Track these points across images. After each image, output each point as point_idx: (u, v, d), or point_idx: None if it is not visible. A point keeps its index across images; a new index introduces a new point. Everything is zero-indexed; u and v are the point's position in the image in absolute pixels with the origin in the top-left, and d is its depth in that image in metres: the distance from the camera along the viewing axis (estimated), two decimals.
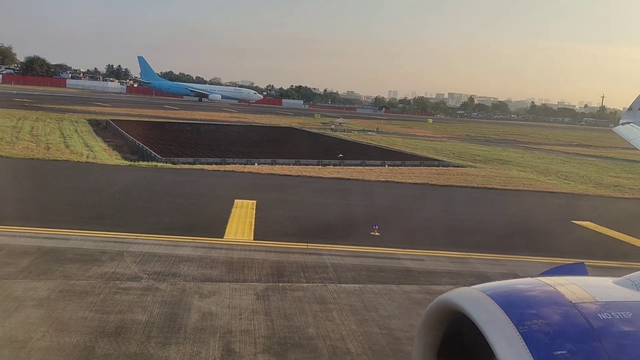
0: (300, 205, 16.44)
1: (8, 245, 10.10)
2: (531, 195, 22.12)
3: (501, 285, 2.46)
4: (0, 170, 18.97)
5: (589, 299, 2.25)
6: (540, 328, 2.06)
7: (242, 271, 9.75)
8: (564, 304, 2.20)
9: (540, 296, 2.29)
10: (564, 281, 2.40)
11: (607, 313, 2.16)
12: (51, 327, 6.94)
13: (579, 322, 2.09)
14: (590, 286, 2.38)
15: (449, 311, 2.41)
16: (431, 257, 11.52)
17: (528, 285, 2.43)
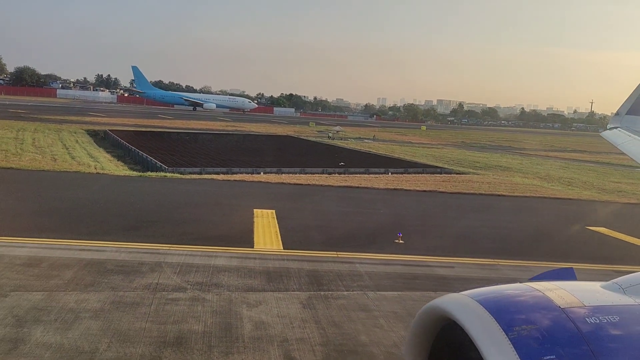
0: (319, 215, 16.61)
1: (48, 257, 10.18)
2: (540, 201, 22.45)
3: (490, 291, 2.47)
4: (16, 183, 18.95)
5: (578, 303, 2.26)
6: (529, 333, 2.06)
7: (281, 280, 9.91)
8: (553, 309, 2.21)
9: (529, 301, 2.30)
10: (553, 286, 2.41)
11: (595, 317, 2.17)
12: (114, 338, 7.06)
13: (568, 327, 2.10)
14: (578, 291, 2.40)
15: (438, 317, 2.42)
16: (459, 264, 11.74)
17: (517, 290, 2.45)
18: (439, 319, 2.43)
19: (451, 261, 11.88)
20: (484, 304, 2.25)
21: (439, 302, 2.45)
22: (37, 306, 7.91)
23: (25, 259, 10.02)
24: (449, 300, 2.43)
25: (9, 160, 24.29)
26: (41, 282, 8.90)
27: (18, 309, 7.74)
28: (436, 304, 2.46)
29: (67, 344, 6.79)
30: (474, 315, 2.20)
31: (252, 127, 68.92)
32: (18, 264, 9.73)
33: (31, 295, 8.33)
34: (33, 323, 7.32)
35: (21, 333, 6.99)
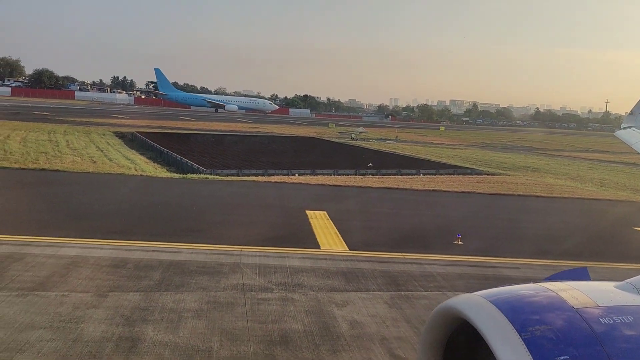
0: (370, 216, 16.84)
1: (130, 259, 10.50)
2: (579, 202, 22.52)
3: (503, 291, 2.47)
4: (68, 185, 19.37)
5: (591, 304, 2.25)
6: (543, 334, 2.05)
7: (359, 281, 10.15)
8: (566, 309, 2.20)
9: (543, 302, 2.29)
10: (566, 286, 2.41)
11: (609, 318, 2.16)
12: (222, 336, 7.34)
13: (581, 327, 2.09)
14: (592, 291, 2.38)
15: (452, 318, 2.41)
16: (524, 265, 11.91)
17: (530, 291, 2.44)
18: (453, 319, 2.42)
19: (515, 262, 12.05)
20: (497, 304, 2.24)
21: (453, 303, 2.43)
22: (139, 306, 8.21)
23: (109, 260, 10.34)
24: (462, 300, 2.41)
25: (51, 162, 24.76)
26: (133, 282, 9.21)
27: (122, 309, 8.04)
28: (450, 305, 2.44)
29: (181, 343, 7.07)
30: (487, 316, 2.19)
31: (274, 128, 69.27)
32: (104, 265, 10.05)
33: (129, 295, 8.64)
34: (142, 322, 7.61)
35: (135, 332, 7.28)
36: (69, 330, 7.17)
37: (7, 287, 8.59)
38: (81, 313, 7.78)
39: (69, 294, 8.47)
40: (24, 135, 37.36)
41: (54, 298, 8.28)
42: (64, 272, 9.49)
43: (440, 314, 2.49)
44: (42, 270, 9.49)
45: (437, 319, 2.50)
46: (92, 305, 8.11)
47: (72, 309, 7.92)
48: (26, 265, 9.70)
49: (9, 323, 7.26)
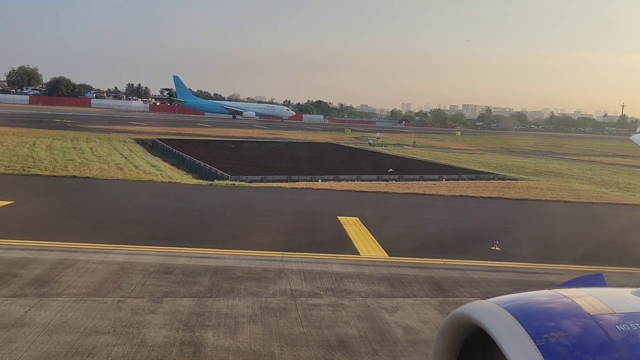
0: (402, 222, 16.89)
1: (176, 265, 10.65)
2: (609, 208, 22.38)
3: (518, 297, 2.44)
4: (102, 192, 19.64)
5: (607, 310, 2.21)
6: (558, 341, 2.03)
7: (404, 287, 10.21)
8: (582, 316, 2.17)
9: (558, 308, 2.26)
10: (582, 293, 2.38)
11: (625, 324, 2.12)
12: (281, 341, 7.43)
13: (597, 334, 2.06)
14: (608, 297, 2.35)
15: (465, 324, 2.39)
16: (566, 271, 11.87)
17: (545, 297, 2.41)
18: (466, 326, 2.39)
19: (557, 268, 12.03)
20: (511, 311, 2.21)
21: (466, 309, 2.41)
22: (195, 311, 8.33)
23: (156, 266, 10.49)
24: (476, 307, 2.39)
25: (80, 169, 25.09)
26: (185, 288, 9.35)
27: (179, 314, 8.17)
28: (463, 311, 2.41)
29: (242, 348, 7.17)
30: (501, 323, 2.16)
31: (290, 134, 69.56)
32: (153, 271, 10.20)
33: (183, 301, 8.76)
34: (200, 327, 7.73)
35: (196, 337, 7.40)
36: (132, 335, 7.31)
37: (65, 292, 8.76)
38: (140, 318, 7.92)
39: (125, 300, 8.62)
40: (49, 143, 37.89)
41: (112, 304, 8.43)
42: (116, 278, 9.65)
43: (453, 320, 2.47)
44: (94, 276, 9.66)
45: (450, 325, 2.48)
46: (150, 310, 8.25)
47: (131, 314, 8.06)
48: (78, 271, 9.88)
49: (74, 328, 7.42)
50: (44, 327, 7.37)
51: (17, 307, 8.05)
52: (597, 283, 2.89)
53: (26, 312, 7.85)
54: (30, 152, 31.15)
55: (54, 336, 7.13)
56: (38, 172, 23.27)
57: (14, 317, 7.67)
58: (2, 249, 10.95)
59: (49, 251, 11.04)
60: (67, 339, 7.06)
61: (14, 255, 10.64)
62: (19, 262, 10.21)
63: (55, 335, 7.15)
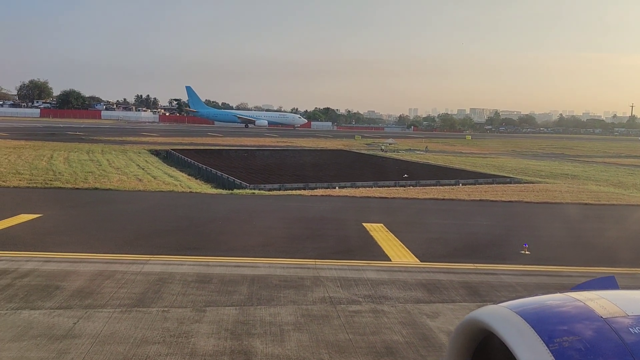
0: (427, 227, 16.91)
1: (213, 274, 10.73)
2: (631, 209, 22.30)
3: (529, 302, 2.44)
4: (126, 203, 19.80)
5: (620, 313, 2.20)
6: (571, 345, 2.02)
7: (441, 292, 10.24)
8: (595, 319, 2.16)
9: (570, 312, 2.24)
10: (594, 296, 2.36)
11: (638, 327, 2.11)
12: (329, 348, 7.49)
13: (611, 338, 2.05)
14: (620, 300, 2.33)
15: (477, 330, 2.38)
16: (600, 273, 11.80)
17: (557, 301, 2.40)
18: (478, 331, 2.37)
19: (590, 271, 11.99)
20: (523, 315, 2.20)
21: (478, 315, 2.38)
22: (239, 320, 8.41)
23: (194, 276, 10.60)
24: (487, 312, 2.36)
25: (100, 181, 25.31)
26: (225, 297, 9.43)
27: (224, 323, 8.25)
28: (474, 317, 2.39)
29: (292, 355, 7.24)
30: (513, 327, 2.15)
31: (302, 142, 69.74)
32: (191, 280, 10.30)
33: (225, 310, 8.85)
34: (247, 336, 7.81)
35: (244, 345, 7.47)
36: (182, 345, 7.39)
37: (109, 304, 8.88)
38: (187, 328, 8.01)
39: (169, 310, 8.72)
40: (66, 156, 38.25)
41: (156, 314, 8.53)
42: (156, 288, 9.75)
43: (465, 326, 2.45)
44: (135, 287, 9.78)
45: (462, 331, 2.47)
46: (195, 320, 8.34)
47: (177, 324, 8.15)
48: (118, 282, 10.00)
49: (124, 338, 7.52)
50: (95, 338, 7.48)
51: (65, 318, 8.17)
52: (609, 285, 2.87)
53: (75, 324, 7.97)
54: (49, 165, 31.47)
55: (106, 347, 7.23)
56: (60, 185, 23.51)
57: (64, 328, 7.79)
58: (40, 262, 11.10)
59: (86, 263, 11.19)
60: (119, 349, 7.17)
61: (53, 267, 10.79)
62: (59, 274, 10.35)
63: (108, 346, 7.25)
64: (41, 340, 7.35)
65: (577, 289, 2.60)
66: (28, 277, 10.07)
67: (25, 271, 10.44)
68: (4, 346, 7.10)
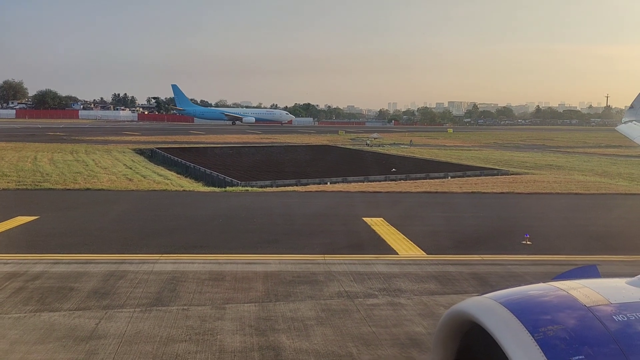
0: (426, 220, 17.09)
1: (225, 272, 10.72)
2: (620, 198, 22.81)
3: (513, 292, 2.45)
4: (122, 203, 19.63)
5: (603, 301, 2.22)
6: (556, 334, 2.04)
7: (453, 283, 10.38)
8: (578, 308, 2.18)
9: (554, 301, 2.26)
10: (577, 285, 2.38)
11: (622, 315, 2.13)
12: (355, 341, 7.56)
13: (595, 326, 2.07)
14: (603, 288, 2.35)
15: (463, 322, 2.39)
16: (602, 261, 12.04)
17: (540, 291, 2.42)
18: (464, 323, 2.39)
19: (592, 259, 12.21)
20: (508, 305, 2.22)
21: (463, 306, 2.39)
22: (260, 316, 8.44)
23: (206, 274, 10.58)
24: (472, 303, 2.38)
25: (90, 182, 25.06)
26: (243, 294, 9.44)
27: (247, 320, 8.27)
28: (459, 308, 2.40)
29: (320, 349, 7.29)
30: (498, 318, 2.16)
31: (286, 138, 69.70)
32: (204, 279, 10.28)
33: (245, 306, 8.87)
34: (272, 332, 7.84)
35: (271, 341, 7.50)
36: (210, 342, 7.40)
37: (128, 304, 8.83)
38: (211, 325, 8.02)
39: (189, 308, 8.71)
40: (50, 157, 37.77)
41: (177, 312, 8.51)
42: (171, 287, 9.72)
43: (450, 318, 2.46)
44: (149, 286, 9.73)
45: (447, 323, 2.47)
46: (217, 317, 8.35)
47: (200, 322, 8.15)
48: (131, 282, 9.94)
49: (150, 337, 7.50)
50: (120, 338, 7.45)
51: (86, 319, 8.12)
52: (591, 274, 2.90)
53: (97, 325, 7.92)
54: (35, 167, 31.04)
55: (133, 346, 7.21)
56: (50, 186, 23.21)
57: (87, 329, 7.74)
58: (49, 264, 10.98)
59: (95, 264, 11.10)
60: (147, 349, 7.15)
61: (63, 269, 10.68)
62: (70, 275, 10.26)
63: (135, 346, 7.23)
64: (66, 341, 7.29)
65: (559, 278, 2.68)
66: (40, 280, 9.96)
67: (36, 273, 10.32)
68: (30, 349, 7.03)
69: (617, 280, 2.55)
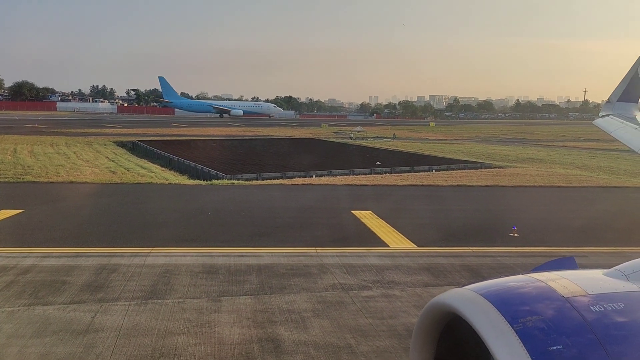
0: (415, 213, 17.22)
1: (218, 265, 10.71)
2: (602, 191, 23.24)
3: (493, 284, 2.49)
4: (109, 196, 19.42)
5: (581, 292, 2.26)
6: (535, 324, 2.07)
7: (445, 275, 10.51)
8: (557, 299, 2.21)
9: (533, 292, 2.29)
10: (555, 276, 2.42)
11: (599, 305, 2.18)
12: (353, 333, 7.63)
13: (572, 316, 2.11)
14: (581, 280, 2.40)
15: (443, 313, 2.41)
16: (589, 253, 12.32)
17: (520, 282, 2.45)
18: (444, 314, 2.41)
19: (579, 251, 12.42)
20: (488, 297, 2.25)
21: (444, 298, 2.43)
22: (257, 309, 8.46)
23: (199, 267, 10.55)
24: (453, 295, 2.41)
25: (73, 175, 24.74)
26: (237, 287, 9.45)
27: (244, 312, 8.29)
28: (441, 300, 2.43)
29: (319, 341, 7.34)
30: (478, 309, 2.19)
31: (269, 131, 69.41)
32: (198, 272, 10.26)
33: (241, 299, 8.88)
34: (270, 324, 7.87)
35: (269, 333, 7.53)
36: (208, 335, 7.41)
37: (122, 297, 8.78)
38: (208, 318, 8.02)
39: (184, 301, 8.69)
40: (30, 149, 37.11)
41: (173, 305, 8.49)
42: (165, 280, 9.69)
43: (431, 309, 2.47)
44: (143, 279, 9.68)
45: (429, 314, 2.49)
46: (213, 310, 8.35)
47: (196, 314, 8.15)
48: (124, 275, 9.88)
49: (148, 330, 7.48)
50: (118, 331, 7.41)
51: (81, 313, 8.06)
52: (569, 266, 2.95)
53: (93, 318, 7.86)
54: (15, 159, 30.49)
55: (132, 339, 7.18)
56: (33, 179, 22.86)
57: (83, 322, 7.69)
58: (38, 257, 10.86)
59: (86, 257, 11.00)
60: (146, 341, 7.13)
61: (53, 262, 10.57)
62: (62, 269, 10.16)
63: (133, 339, 7.20)
64: (63, 335, 7.24)
65: (538, 270, 2.73)
66: (31, 273, 9.85)
67: (26, 267, 10.20)
68: (27, 342, 6.97)
69: (594, 272, 2.60)
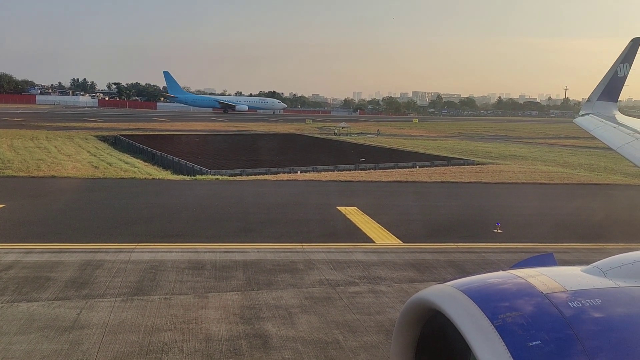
0: (399, 209, 17.29)
1: (204, 261, 10.67)
2: (584, 188, 23.56)
3: (474, 280, 2.50)
4: (93, 192, 19.19)
5: (559, 288, 2.29)
6: (514, 320, 2.09)
7: (431, 271, 10.59)
8: (536, 295, 2.24)
9: (512, 289, 2.32)
10: (535, 272, 2.44)
11: (577, 301, 2.21)
12: (341, 328, 7.66)
13: (551, 312, 2.14)
14: (560, 276, 2.43)
15: (424, 309, 2.43)
16: (571, 249, 12.54)
17: (500, 278, 2.47)
18: (425, 310, 2.43)
19: (561, 247, 12.67)
20: (468, 293, 2.27)
21: (425, 294, 2.44)
22: (244, 305, 8.44)
23: (185, 263, 10.50)
24: (434, 291, 2.42)
25: (54, 169, 24.41)
26: (224, 283, 9.42)
27: (231, 308, 8.27)
28: (421, 296, 2.45)
29: (306, 337, 7.36)
30: (459, 306, 2.21)
31: (253, 126, 69.16)
32: (184, 267, 10.21)
33: (228, 295, 8.85)
34: (257, 320, 7.86)
35: (257, 329, 7.53)
36: (196, 331, 7.37)
37: (108, 293, 8.70)
38: (195, 314, 7.98)
39: (171, 297, 8.64)
40: (10, 143, 36.53)
41: (160, 301, 8.44)
42: (151, 276, 9.62)
43: (412, 306, 2.49)
44: (128, 275, 9.60)
45: (410, 310, 2.51)
46: (200, 306, 8.31)
47: (183, 310, 8.11)
48: (109, 271, 9.79)
49: (135, 327, 7.42)
50: (104, 328, 7.35)
51: (66, 309, 7.97)
52: (548, 262, 2.99)
53: (79, 314, 7.79)
54: None
55: (118, 336, 7.13)
56: (13, 174, 22.50)
57: (69, 319, 7.61)
58: (21, 253, 10.71)
59: (69, 253, 10.87)
60: (133, 338, 7.08)
61: (36, 258, 10.43)
62: (45, 265, 10.03)
63: (120, 335, 7.15)
64: (48, 332, 7.16)
65: (518, 266, 2.74)
66: (13, 269, 9.71)
67: (8, 263, 10.05)
68: (12, 339, 6.87)
69: (573, 268, 2.63)
